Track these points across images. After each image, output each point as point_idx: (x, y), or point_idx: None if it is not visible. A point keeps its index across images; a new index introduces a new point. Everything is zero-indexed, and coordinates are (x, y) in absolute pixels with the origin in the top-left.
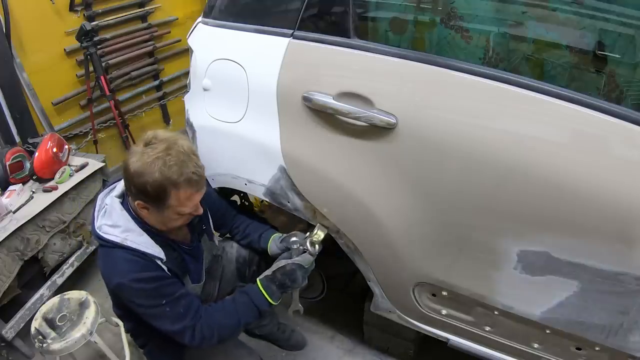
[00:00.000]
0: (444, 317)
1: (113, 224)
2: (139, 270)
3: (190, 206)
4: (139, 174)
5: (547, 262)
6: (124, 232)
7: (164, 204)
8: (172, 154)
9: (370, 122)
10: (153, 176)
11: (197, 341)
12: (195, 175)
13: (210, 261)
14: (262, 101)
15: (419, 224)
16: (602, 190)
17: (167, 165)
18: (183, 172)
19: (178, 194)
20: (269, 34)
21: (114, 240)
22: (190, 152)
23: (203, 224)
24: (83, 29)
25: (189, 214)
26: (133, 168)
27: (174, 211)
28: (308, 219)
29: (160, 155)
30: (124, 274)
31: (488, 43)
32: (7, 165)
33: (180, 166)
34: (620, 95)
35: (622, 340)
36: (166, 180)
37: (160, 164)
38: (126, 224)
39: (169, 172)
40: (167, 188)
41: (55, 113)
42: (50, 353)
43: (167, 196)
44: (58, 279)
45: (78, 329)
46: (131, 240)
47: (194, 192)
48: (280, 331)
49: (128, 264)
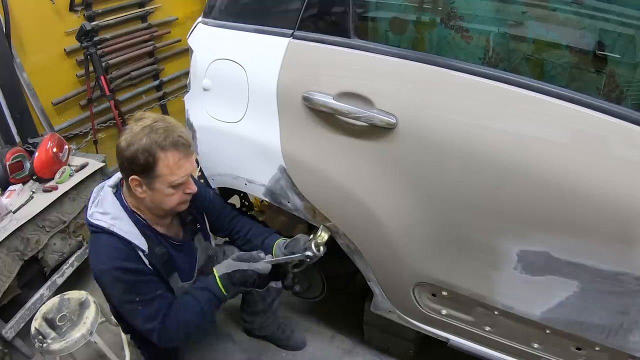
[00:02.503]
0: (444, 317)
1: (103, 211)
2: (121, 259)
3: (180, 174)
4: (128, 144)
5: (547, 262)
6: (112, 219)
7: (155, 173)
8: (158, 123)
9: (370, 122)
10: (141, 142)
11: (164, 341)
12: (182, 139)
13: (205, 261)
14: (262, 101)
15: (419, 224)
16: (602, 190)
17: (154, 129)
18: (169, 135)
19: (166, 158)
20: (269, 34)
21: (102, 225)
22: (176, 123)
23: (197, 222)
24: (83, 29)
25: (183, 191)
26: (123, 141)
27: (166, 182)
28: (308, 219)
29: (148, 124)
30: (106, 260)
31: (488, 43)
32: (7, 165)
33: (166, 130)
34: (620, 95)
35: (622, 340)
36: (153, 143)
37: (148, 131)
38: (115, 211)
39: (155, 136)
40: (155, 152)
41: (55, 113)
42: (50, 353)
43: (156, 162)
44: (58, 279)
45: (78, 329)
46: (118, 228)
47: (181, 157)
48: (280, 331)
49: (111, 250)
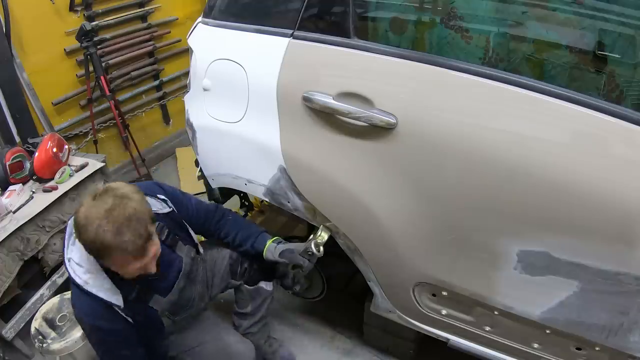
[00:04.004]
0: (444, 317)
1: (78, 262)
2: (94, 317)
3: (130, 272)
4: (79, 227)
5: (547, 262)
6: (86, 273)
7: (108, 264)
8: (112, 216)
9: (370, 122)
10: (89, 236)
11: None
12: (131, 243)
13: (190, 265)
14: (262, 101)
15: (419, 224)
16: (602, 190)
17: (103, 229)
18: (116, 239)
19: (116, 259)
20: (269, 34)
21: (77, 281)
22: (134, 217)
23: (175, 234)
24: (83, 29)
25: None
26: (77, 220)
27: (121, 272)
28: (308, 219)
29: (101, 215)
30: (82, 314)
31: (488, 43)
32: (7, 165)
33: (114, 233)
34: (620, 95)
35: (622, 340)
36: (101, 245)
37: (96, 226)
38: (88, 265)
39: (103, 236)
40: (101, 252)
41: (55, 113)
42: (50, 353)
43: (104, 258)
44: (58, 279)
45: (78, 329)
46: (91, 285)
47: (130, 260)
48: (267, 344)
49: (86, 307)
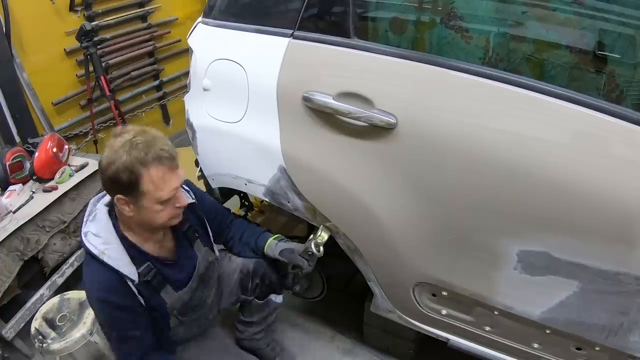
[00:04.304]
0: (444, 317)
1: (96, 233)
2: (107, 291)
3: (166, 189)
4: (109, 163)
5: (547, 262)
6: (103, 243)
7: (139, 191)
8: (138, 137)
9: (370, 122)
10: (121, 160)
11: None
12: (165, 152)
13: (206, 268)
14: (262, 101)
15: (419, 224)
16: (602, 190)
17: (134, 145)
18: (150, 150)
19: (149, 174)
20: (269, 34)
21: (93, 251)
22: (158, 134)
23: (194, 229)
24: (83, 29)
25: (172, 206)
26: (104, 159)
27: (153, 198)
28: (308, 219)
29: (127, 139)
30: (93, 288)
31: (488, 43)
32: (7, 165)
33: (146, 144)
34: (620, 95)
35: (622, 340)
36: (134, 159)
37: (128, 147)
38: (107, 236)
39: (135, 152)
40: (137, 168)
41: (55, 113)
42: (50, 353)
43: (139, 179)
44: (58, 279)
45: (78, 329)
46: (108, 255)
47: (166, 171)
48: (269, 348)
49: (100, 280)
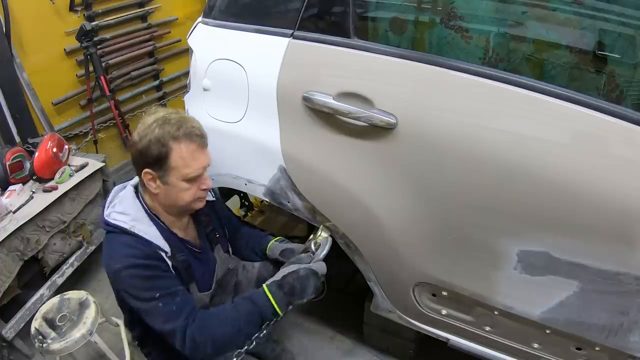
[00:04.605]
0: (444, 317)
1: (123, 211)
2: (139, 257)
3: (194, 166)
4: (141, 136)
5: (547, 262)
6: (133, 220)
7: (168, 165)
8: (172, 114)
9: (370, 122)
10: (154, 133)
11: (188, 346)
12: (196, 130)
13: (224, 274)
14: (262, 101)
15: (419, 224)
16: (602, 190)
17: (167, 121)
18: (182, 126)
19: (180, 149)
20: (269, 34)
21: (122, 225)
22: (190, 116)
23: (216, 232)
24: (83, 29)
25: (198, 187)
26: (136, 134)
27: (180, 174)
28: (308, 219)
29: (160, 116)
30: (123, 258)
31: (488, 43)
32: (7, 165)
33: (179, 121)
34: (620, 95)
35: (622, 340)
36: (166, 134)
37: (161, 122)
38: (136, 212)
39: (168, 127)
40: (168, 142)
41: (55, 113)
42: (50, 353)
43: (169, 152)
44: (58, 279)
45: (78, 329)
46: (139, 229)
47: (195, 149)
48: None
49: (130, 248)
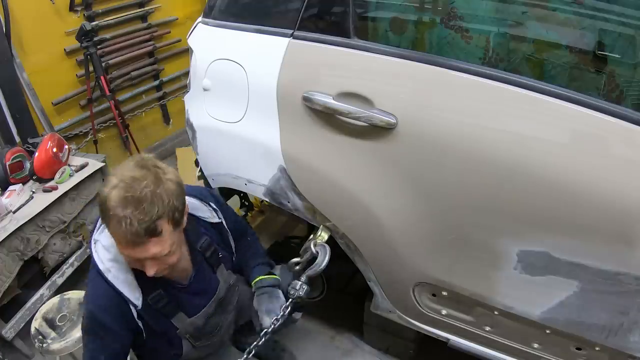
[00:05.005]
0: (444, 317)
1: (107, 246)
2: (100, 307)
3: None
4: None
5: (547, 262)
6: (111, 260)
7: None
8: (132, 185)
9: (370, 122)
10: (103, 191)
11: None
12: (126, 223)
13: (225, 292)
14: (262, 101)
15: (419, 224)
16: (602, 190)
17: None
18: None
19: (111, 230)
20: (269, 34)
21: (99, 266)
22: (150, 198)
23: (219, 252)
24: (83, 29)
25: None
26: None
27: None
28: (308, 219)
29: (125, 178)
30: (90, 301)
31: (488, 43)
32: (7, 165)
33: (119, 200)
34: (620, 95)
35: (622, 340)
36: (104, 203)
37: (113, 185)
38: (116, 253)
39: (110, 197)
40: (103, 212)
41: (55, 113)
42: (50, 353)
43: (105, 221)
44: (58, 279)
45: (78, 329)
46: (113, 275)
47: (122, 241)
48: (270, 348)
49: (97, 294)
